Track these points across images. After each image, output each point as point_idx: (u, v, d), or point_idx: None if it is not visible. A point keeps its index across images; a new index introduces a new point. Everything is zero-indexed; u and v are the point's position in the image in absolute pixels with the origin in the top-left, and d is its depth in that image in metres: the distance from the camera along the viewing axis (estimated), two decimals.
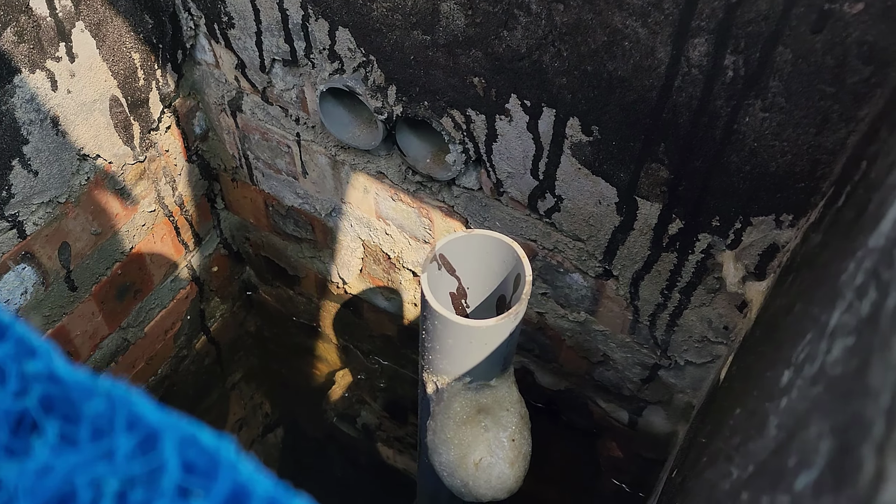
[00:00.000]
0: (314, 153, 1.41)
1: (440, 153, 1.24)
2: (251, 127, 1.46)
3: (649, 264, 1.14)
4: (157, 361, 1.72)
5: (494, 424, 1.02)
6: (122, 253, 1.48)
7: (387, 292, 1.63)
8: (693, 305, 1.15)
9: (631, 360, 1.33)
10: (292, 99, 1.34)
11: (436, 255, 0.93)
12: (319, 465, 2.35)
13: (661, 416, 1.41)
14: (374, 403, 1.94)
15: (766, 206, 0.96)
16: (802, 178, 0.91)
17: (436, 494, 1.38)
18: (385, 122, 1.22)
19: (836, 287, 0.57)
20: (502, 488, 1.01)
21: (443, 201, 1.30)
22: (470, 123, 1.13)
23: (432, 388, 1.04)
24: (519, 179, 1.17)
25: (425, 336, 0.96)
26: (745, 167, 0.94)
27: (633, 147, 1.01)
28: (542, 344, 1.45)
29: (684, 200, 1.02)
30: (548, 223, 1.20)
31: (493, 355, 0.94)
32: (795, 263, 0.84)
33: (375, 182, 1.37)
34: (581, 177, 1.09)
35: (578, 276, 1.25)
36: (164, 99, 1.41)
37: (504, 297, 0.99)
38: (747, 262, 1.03)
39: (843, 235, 0.65)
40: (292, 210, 1.59)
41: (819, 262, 0.70)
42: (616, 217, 1.11)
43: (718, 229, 1.03)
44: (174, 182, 1.53)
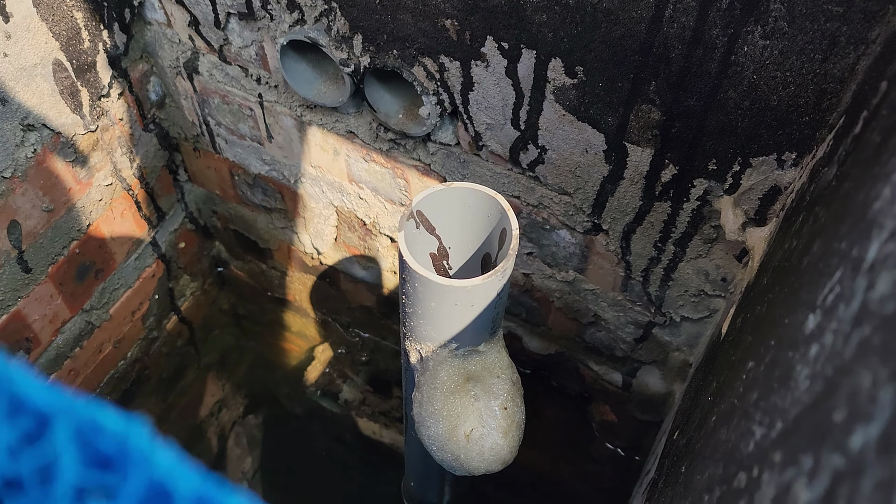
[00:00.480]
0: (279, 115, 1.31)
1: (413, 107, 1.16)
2: (210, 90, 1.37)
3: (641, 216, 1.07)
4: (125, 344, 1.64)
5: (485, 393, 0.95)
6: (79, 230, 1.39)
7: (364, 261, 1.56)
8: (689, 257, 1.09)
9: (623, 320, 1.27)
10: (251, 57, 1.24)
11: (413, 212, 0.85)
12: (304, 443, 2.28)
13: (656, 377, 1.35)
14: (357, 378, 1.87)
15: (767, 144, 0.89)
16: (807, 111, 0.84)
17: (425, 469, 1.32)
18: (352, 76, 1.13)
19: (869, 217, 0.50)
20: (496, 460, 0.95)
21: (418, 159, 1.22)
22: (443, 72, 1.05)
23: (416, 357, 0.97)
24: (499, 131, 1.09)
25: (406, 301, 0.88)
26: (744, 103, 0.87)
27: (621, 88, 0.93)
28: (530, 307, 1.38)
29: (678, 144, 0.95)
30: (531, 177, 1.13)
31: (480, 318, 0.86)
32: (805, 203, 0.77)
33: (346, 142, 1.28)
34: (566, 124, 1.02)
35: (566, 233, 1.18)
36: (113, 62, 1.31)
37: (489, 255, 0.92)
38: (747, 208, 0.97)
39: (869, 162, 0.58)
40: (259, 178, 1.50)
41: (839, 196, 0.63)
42: (604, 166, 1.04)
43: (715, 173, 0.96)
44: (131, 153, 1.43)
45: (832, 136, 0.78)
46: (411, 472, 1.41)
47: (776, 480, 0.47)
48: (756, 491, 0.50)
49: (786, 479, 0.44)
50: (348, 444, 2.17)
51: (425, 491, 1.45)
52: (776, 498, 0.45)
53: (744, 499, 0.53)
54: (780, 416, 0.52)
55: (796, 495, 0.41)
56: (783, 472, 0.46)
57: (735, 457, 0.61)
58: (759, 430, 0.56)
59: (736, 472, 0.58)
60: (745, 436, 0.60)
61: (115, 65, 1.32)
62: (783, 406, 0.52)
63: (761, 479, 0.50)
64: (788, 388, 0.52)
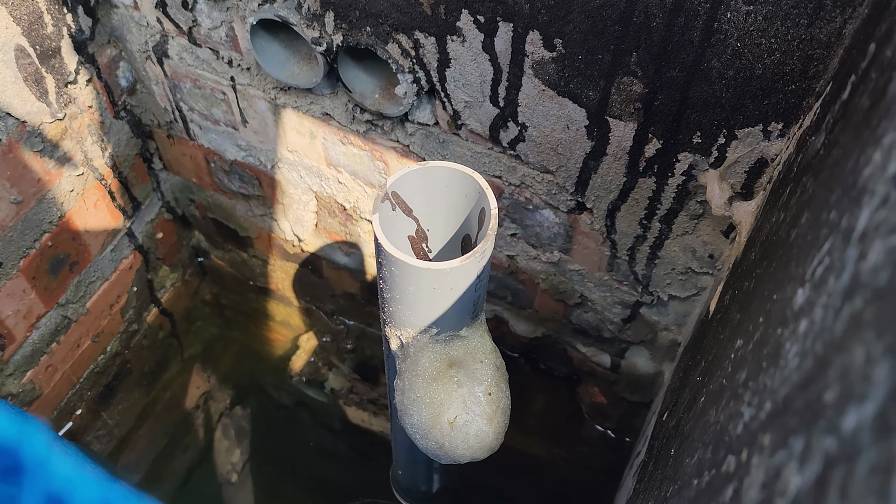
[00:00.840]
0: (252, 98, 1.28)
1: (389, 86, 1.12)
2: (181, 74, 1.32)
3: (626, 193, 1.04)
4: (104, 338, 1.60)
5: (468, 378, 0.92)
6: (51, 223, 1.35)
7: (346, 247, 1.52)
8: (675, 234, 1.06)
9: (610, 300, 1.24)
10: (222, 38, 1.21)
11: (388, 194, 0.82)
12: (293, 433, 2.26)
13: (644, 357, 1.33)
14: (343, 366, 1.85)
15: (753, 115, 0.86)
16: (793, 79, 0.81)
17: (412, 458, 1.29)
18: (325, 55, 1.09)
19: (859, 184, 0.48)
20: (481, 447, 0.92)
21: (397, 141, 1.19)
22: (419, 48, 1.01)
23: (396, 343, 0.94)
24: (478, 109, 1.06)
25: (383, 286, 0.85)
26: (728, 72, 0.84)
27: (601, 60, 0.90)
28: (515, 289, 1.35)
29: (661, 117, 0.92)
30: (512, 156, 1.10)
31: (460, 301, 0.83)
32: (792, 174, 0.75)
33: (322, 125, 1.24)
34: (546, 100, 0.99)
35: (549, 213, 1.15)
36: (79, 48, 1.27)
37: (469, 236, 0.89)
38: (733, 182, 0.94)
39: (858, 127, 0.55)
40: (236, 164, 1.46)
41: (827, 164, 0.61)
42: (587, 142, 1.01)
43: (700, 147, 0.93)
44: (102, 141, 1.39)
45: (819, 104, 0.76)
46: (398, 460, 1.38)
47: (766, 464, 0.44)
48: (745, 476, 0.47)
49: (776, 463, 0.42)
50: (338, 433, 2.15)
51: (414, 479, 1.43)
52: (766, 483, 0.42)
53: (732, 484, 0.50)
54: (770, 396, 0.49)
55: (787, 480, 0.39)
56: (773, 456, 0.43)
57: (724, 439, 0.58)
58: (747, 412, 0.54)
59: (725, 456, 0.56)
60: (733, 417, 0.58)
61: (82, 50, 1.28)
62: (772, 386, 0.50)
63: (750, 464, 0.47)
64: (777, 367, 0.50)
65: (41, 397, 1.47)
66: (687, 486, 0.67)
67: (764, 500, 0.41)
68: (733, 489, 0.49)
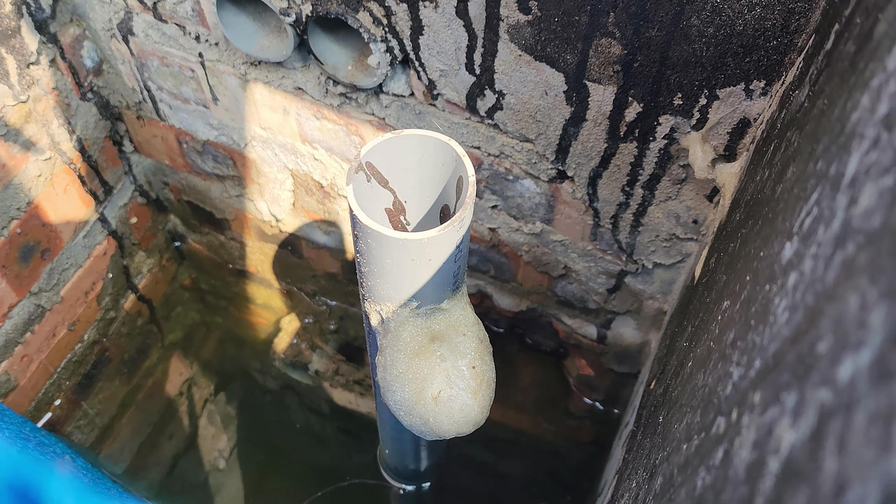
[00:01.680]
0: (222, 74, 1.24)
1: (362, 57, 1.09)
2: (148, 52, 1.28)
3: (607, 159, 1.02)
4: (81, 327, 1.57)
5: (451, 352, 0.90)
6: (19, 209, 1.31)
7: (325, 226, 1.49)
8: (658, 200, 1.04)
9: (595, 270, 1.23)
10: (188, 13, 1.17)
11: (362, 164, 0.80)
12: (279, 417, 2.24)
13: (631, 327, 1.31)
14: (327, 347, 1.82)
15: (734, 74, 0.84)
16: (774, 35, 0.79)
17: (398, 435, 1.28)
18: (295, 27, 1.06)
19: (847, 130, 0.46)
20: (466, 421, 0.91)
21: (372, 113, 1.16)
22: (391, 15, 0.98)
23: (377, 318, 0.92)
24: (453, 77, 1.03)
25: (361, 259, 0.83)
26: (708, 30, 0.81)
27: (578, 22, 0.88)
28: (498, 263, 1.33)
29: (641, 79, 0.90)
30: (491, 125, 1.07)
31: (440, 273, 0.81)
32: (776, 131, 0.73)
33: (294, 100, 1.21)
34: (522, 65, 0.96)
35: (530, 182, 1.13)
36: (39, 27, 1.22)
37: (448, 206, 0.87)
38: (716, 144, 0.92)
39: (844, 74, 0.53)
40: (208, 144, 1.43)
41: (812, 116, 0.59)
42: (566, 108, 0.98)
43: (681, 109, 0.91)
44: (69, 124, 1.35)
45: (801, 58, 0.74)
46: (385, 439, 1.37)
47: (756, 422, 0.42)
48: (735, 436, 0.46)
49: (767, 421, 0.40)
50: (324, 415, 2.13)
51: (401, 458, 1.41)
52: (757, 441, 0.41)
53: (722, 445, 0.49)
54: (759, 354, 0.48)
55: (780, 437, 0.37)
56: (764, 413, 0.42)
57: (713, 402, 0.57)
58: (736, 372, 0.52)
59: (714, 418, 0.54)
60: (722, 379, 0.56)
61: (43, 29, 1.23)
62: (762, 343, 0.48)
63: (741, 423, 0.46)
64: (766, 324, 0.48)
65: (17, 388, 1.44)
66: (676, 452, 0.66)
67: (756, 460, 0.40)
68: (723, 450, 0.48)
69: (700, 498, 0.50)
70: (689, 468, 0.58)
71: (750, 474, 0.40)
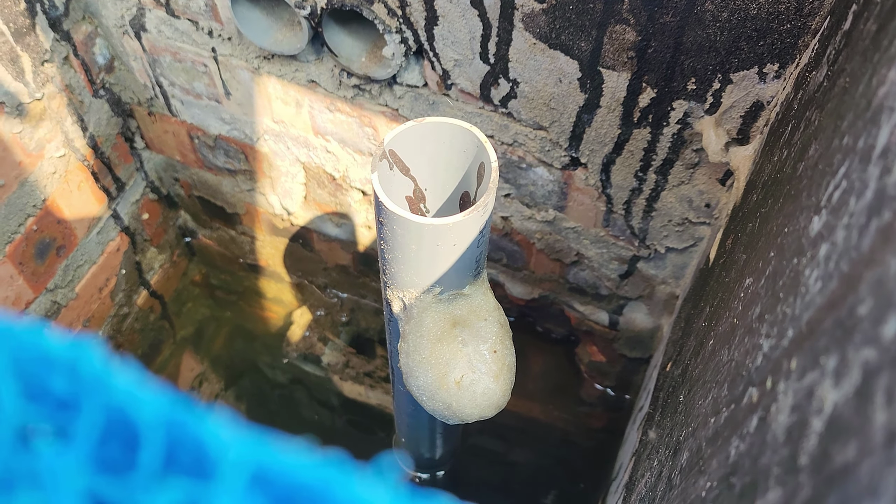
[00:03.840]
0: (235, 69, 1.25)
1: (376, 48, 1.10)
2: (160, 48, 1.30)
3: (620, 145, 1.04)
4: (95, 322, 1.58)
5: (473, 337, 0.92)
6: (35, 206, 1.32)
7: (336, 218, 1.51)
8: (671, 185, 1.06)
9: (607, 256, 1.24)
10: (201, 8, 1.18)
11: (385, 152, 0.81)
12: (290, 410, 2.25)
13: (643, 312, 1.33)
14: (338, 340, 1.84)
15: (748, 58, 0.86)
16: (788, 18, 0.80)
17: (416, 423, 1.29)
18: (309, 20, 1.07)
19: (875, 104, 0.47)
20: (489, 405, 0.92)
21: (385, 105, 1.17)
22: (405, 7, 1.00)
23: (399, 305, 0.93)
24: (468, 67, 1.04)
25: (384, 246, 0.84)
26: (722, 14, 0.83)
27: (592, 9, 0.89)
28: (510, 251, 1.35)
29: (655, 65, 0.91)
30: (504, 114, 1.08)
31: (463, 258, 0.83)
32: (793, 112, 0.74)
33: (308, 93, 1.22)
34: (537, 53, 0.97)
35: (543, 170, 1.14)
36: (53, 25, 1.23)
37: (468, 193, 0.88)
38: (729, 127, 0.94)
39: (866, 52, 0.55)
40: (220, 139, 1.44)
41: (833, 95, 0.60)
42: (580, 95, 1.00)
43: (695, 93, 0.92)
44: (82, 121, 1.36)
45: (817, 40, 0.75)
46: (401, 427, 1.38)
47: (794, 388, 0.44)
48: (772, 403, 0.47)
49: (806, 384, 0.42)
50: (335, 408, 2.15)
51: (417, 446, 1.43)
52: (797, 405, 0.42)
53: (756, 413, 0.50)
54: (791, 324, 0.49)
55: (822, 398, 0.39)
56: (802, 378, 0.43)
57: (742, 374, 0.58)
58: (766, 343, 0.54)
59: (745, 389, 0.56)
60: (750, 352, 0.58)
61: (56, 27, 1.24)
62: (793, 313, 0.49)
63: (776, 390, 0.47)
64: (798, 295, 0.50)
65: None
66: (703, 426, 0.68)
67: (797, 422, 0.41)
68: (758, 418, 0.49)
69: (735, 465, 0.52)
70: (718, 439, 0.59)
71: (791, 436, 0.42)
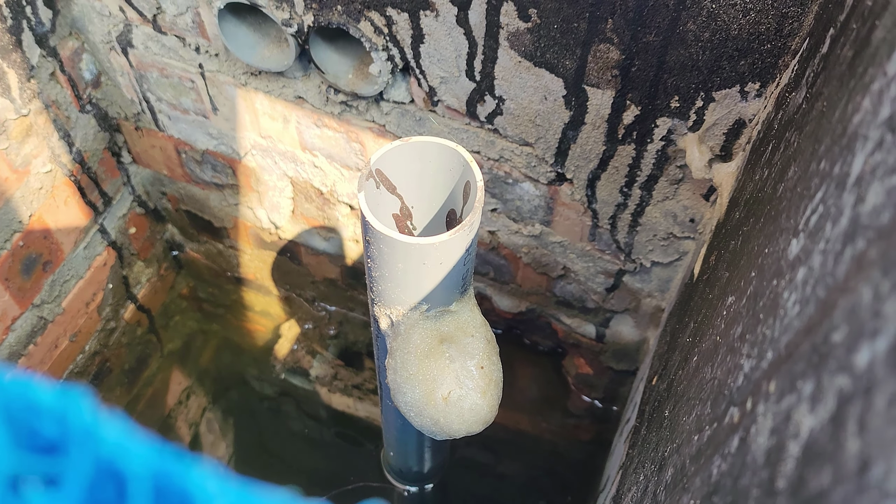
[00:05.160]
0: (222, 85, 1.26)
1: (363, 65, 1.11)
2: (147, 64, 1.30)
3: (605, 161, 1.05)
4: (82, 338, 1.57)
5: (460, 353, 0.93)
6: (21, 222, 1.32)
7: (324, 232, 1.51)
8: (656, 200, 1.07)
9: (593, 270, 1.25)
10: (188, 24, 1.18)
11: (372, 171, 0.82)
12: (278, 424, 2.25)
13: (629, 325, 1.34)
14: (326, 353, 1.84)
15: (730, 76, 0.87)
16: (768, 39, 0.82)
17: (403, 437, 1.29)
18: (296, 37, 1.08)
19: (850, 131, 0.48)
20: (476, 420, 0.93)
21: (372, 121, 1.18)
22: (392, 25, 1.01)
23: (386, 322, 0.94)
24: (454, 84, 1.05)
25: (371, 264, 0.85)
26: (704, 34, 0.84)
27: (577, 28, 0.90)
28: (497, 265, 1.36)
29: (639, 83, 0.93)
30: (490, 130, 1.09)
31: (450, 276, 0.83)
32: (773, 132, 0.75)
33: (295, 108, 1.23)
34: (522, 71, 0.98)
35: (529, 185, 1.15)
36: (40, 41, 1.23)
37: (454, 211, 0.89)
38: (712, 144, 0.95)
39: (842, 78, 0.56)
40: (208, 154, 1.44)
41: (811, 118, 0.62)
42: (565, 112, 1.01)
43: (678, 111, 0.94)
44: (69, 137, 1.36)
45: (796, 61, 0.77)
46: (389, 442, 1.39)
47: (773, 410, 0.45)
48: (752, 424, 0.48)
49: (784, 408, 0.43)
50: (323, 421, 2.14)
51: (406, 460, 1.43)
52: (775, 428, 0.43)
53: (738, 434, 0.51)
54: (771, 345, 0.50)
55: (798, 422, 0.39)
56: (780, 401, 0.44)
57: (723, 393, 0.59)
58: (747, 364, 0.55)
59: (727, 409, 0.56)
60: (732, 371, 0.59)
61: (43, 43, 1.24)
62: (772, 336, 0.50)
63: (756, 412, 0.48)
64: (776, 317, 0.51)
65: None
66: (686, 444, 0.68)
67: (775, 445, 0.42)
68: (739, 438, 0.50)
69: (717, 484, 0.52)
70: (702, 457, 0.60)
71: (769, 459, 0.42)
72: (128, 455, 0.19)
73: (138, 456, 0.19)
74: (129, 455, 0.19)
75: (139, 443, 0.20)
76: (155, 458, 0.19)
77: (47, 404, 0.20)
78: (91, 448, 0.19)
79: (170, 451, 0.20)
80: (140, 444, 0.20)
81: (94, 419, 0.20)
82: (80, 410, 0.20)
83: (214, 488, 0.19)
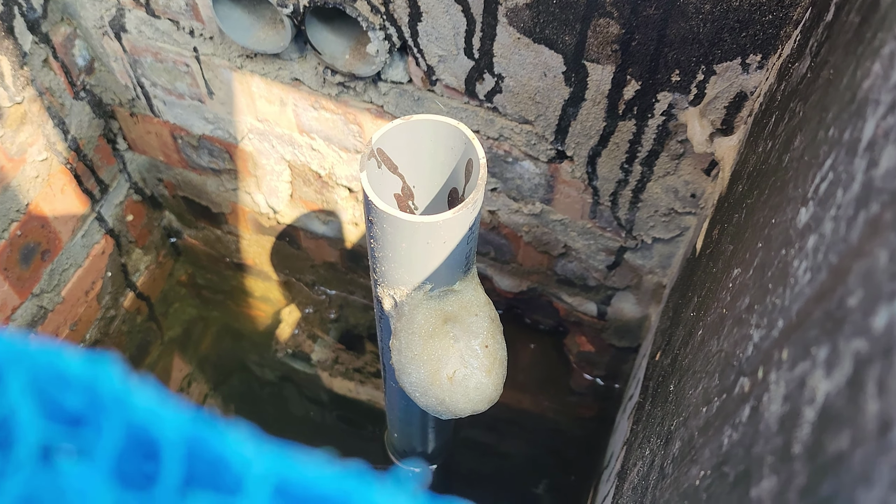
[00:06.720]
0: (217, 68, 1.25)
1: (360, 46, 1.10)
2: (141, 48, 1.29)
3: (606, 137, 1.04)
4: (82, 326, 1.57)
5: (464, 332, 0.93)
6: (18, 211, 1.31)
7: (323, 215, 1.51)
8: (657, 176, 1.07)
9: (594, 247, 1.25)
10: (181, 7, 1.17)
11: (373, 150, 0.81)
12: (280, 408, 2.25)
13: (630, 302, 1.34)
14: (327, 336, 1.84)
15: (731, 49, 0.87)
16: (770, 9, 0.81)
17: (408, 418, 1.30)
18: (291, 18, 1.07)
19: (859, 97, 0.48)
20: (482, 399, 0.93)
21: (370, 101, 1.17)
22: (389, 3, 1.00)
23: (390, 303, 0.93)
24: (452, 62, 1.04)
25: (374, 245, 0.85)
26: (705, 6, 0.84)
27: (576, 2, 0.89)
28: (498, 244, 1.36)
29: (639, 57, 0.92)
30: (490, 108, 1.09)
31: (454, 255, 0.83)
32: (776, 103, 0.75)
33: (292, 91, 1.22)
34: (521, 48, 0.98)
35: (529, 164, 1.15)
36: (32, 27, 1.22)
37: (456, 189, 0.88)
38: (713, 118, 0.95)
39: (849, 45, 0.56)
40: (204, 139, 1.43)
41: (817, 86, 0.61)
42: (565, 89, 1.00)
43: (679, 85, 0.93)
44: (64, 124, 1.35)
45: (799, 30, 0.76)
46: (393, 423, 1.39)
47: (786, 378, 0.45)
48: (764, 393, 0.48)
49: (798, 374, 0.43)
50: (325, 405, 2.15)
51: (409, 440, 1.43)
52: (789, 395, 0.43)
53: (748, 403, 0.51)
54: (781, 314, 0.50)
55: (814, 388, 0.39)
56: (794, 368, 0.44)
57: (732, 364, 0.59)
58: (756, 333, 0.55)
59: (736, 379, 0.56)
60: (740, 342, 0.59)
61: (35, 29, 1.23)
62: (782, 304, 0.50)
63: (768, 380, 0.48)
64: (786, 286, 0.51)
65: None
66: (694, 416, 0.69)
67: (789, 412, 0.42)
68: (750, 407, 0.50)
69: (727, 454, 0.53)
70: (710, 429, 0.60)
71: (784, 425, 0.42)
72: (160, 421, 0.19)
73: (171, 422, 0.19)
74: (161, 421, 0.19)
75: (171, 409, 0.19)
76: (188, 424, 0.19)
77: (76, 373, 0.20)
78: (122, 415, 0.19)
79: (203, 417, 0.20)
80: (172, 411, 0.19)
81: (124, 386, 0.20)
82: (111, 378, 0.20)
83: (251, 452, 0.19)
